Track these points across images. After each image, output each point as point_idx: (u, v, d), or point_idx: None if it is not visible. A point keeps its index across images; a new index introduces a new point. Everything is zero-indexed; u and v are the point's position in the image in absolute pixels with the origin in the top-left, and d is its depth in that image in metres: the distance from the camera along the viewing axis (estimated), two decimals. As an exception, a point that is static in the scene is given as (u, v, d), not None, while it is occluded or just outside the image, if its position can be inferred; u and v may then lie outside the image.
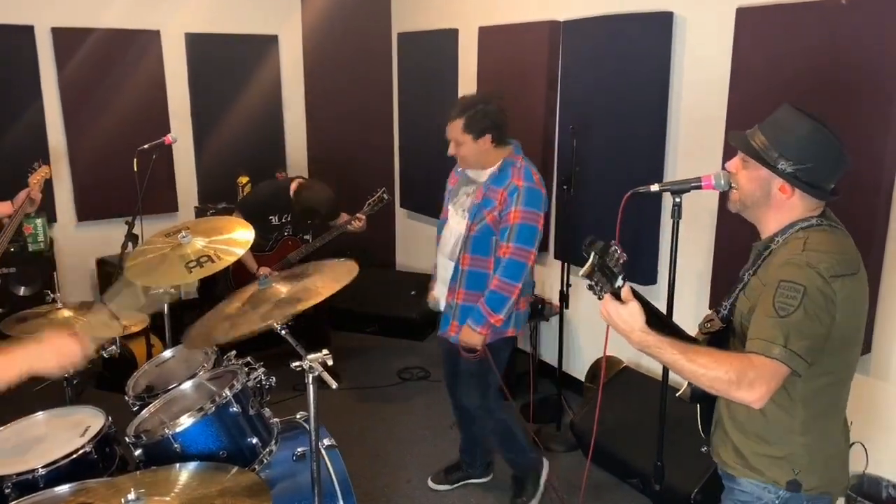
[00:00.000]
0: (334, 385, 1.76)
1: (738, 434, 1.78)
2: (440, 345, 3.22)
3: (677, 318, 1.89)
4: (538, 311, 4.26)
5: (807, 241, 1.62)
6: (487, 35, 4.43)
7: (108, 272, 4.75)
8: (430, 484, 3.40)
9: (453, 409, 3.34)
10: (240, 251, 2.44)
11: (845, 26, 2.68)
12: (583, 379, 4.18)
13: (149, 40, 4.95)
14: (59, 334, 1.88)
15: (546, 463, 3.35)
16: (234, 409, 2.05)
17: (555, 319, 4.09)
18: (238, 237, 2.54)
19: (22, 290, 4.45)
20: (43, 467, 2.05)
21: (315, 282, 2.05)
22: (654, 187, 1.94)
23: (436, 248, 3.13)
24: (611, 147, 3.63)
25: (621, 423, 3.44)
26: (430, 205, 5.30)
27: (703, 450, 3.21)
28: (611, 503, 3.30)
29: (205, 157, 5.30)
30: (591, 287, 1.59)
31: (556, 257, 4.14)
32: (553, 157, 4.15)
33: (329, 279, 2.05)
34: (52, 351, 1.83)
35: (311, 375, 1.78)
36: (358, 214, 4.32)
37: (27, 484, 2.03)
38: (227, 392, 2.05)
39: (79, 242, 4.96)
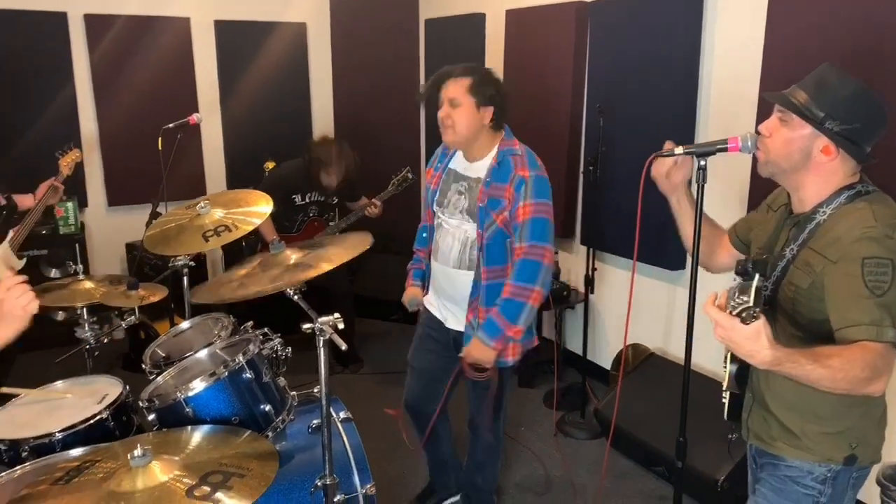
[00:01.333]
0: (343, 346, 1.72)
1: (787, 412, 1.70)
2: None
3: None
4: (563, 297, 4.20)
5: (875, 211, 1.55)
6: (514, 17, 4.37)
7: (137, 256, 4.80)
8: None
9: (419, 430, 2.96)
10: (258, 221, 2.42)
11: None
12: (608, 368, 4.11)
13: (178, 27, 4.99)
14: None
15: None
16: (247, 374, 2.02)
17: (580, 307, 4.02)
18: (258, 209, 2.52)
19: (52, 272, 4.51)
20: (60, 431, 2.07)
21: (328, 251, 2.01)
22: (678, 150, 1.87)
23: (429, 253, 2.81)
24: (639, 126, 3.55)
25: (647, 411, 3.36)
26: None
27: (731, 437, 3.11)
28: (635, 491, 3.22)
29: (233, 142, 5.34)
30: (753, 314, 1.38)
31: (582, 243, 4.06)
32: (580, 138, 4.08)
33: (341, 249, 2.01)
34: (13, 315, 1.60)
35: (321, 339, 1.74)
36: (374, 200, 4.27)
37: (44, 447, 2.05)
38: (241, 357, 2.03)
39: (109, 227, 5.02)
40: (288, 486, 2.15)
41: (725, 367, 1.66)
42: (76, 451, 1.92)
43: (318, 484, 1.86)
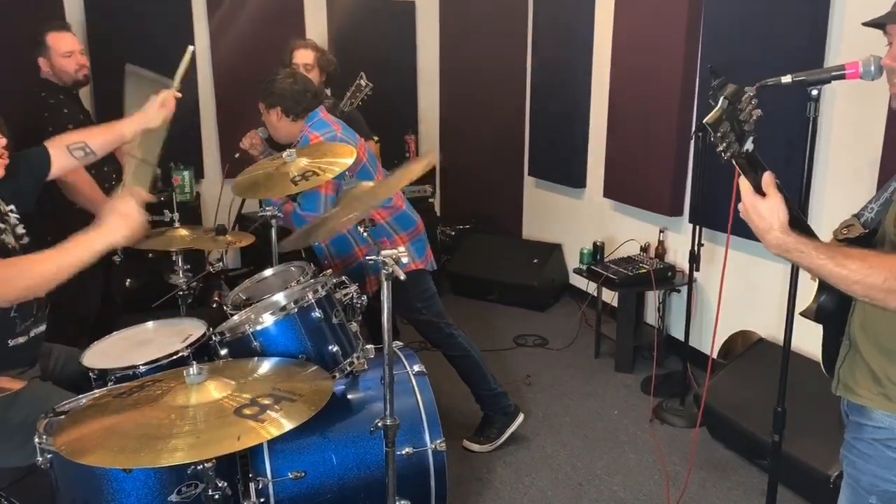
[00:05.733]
0: (402, 276, 1.65)
1: (879, 356, 1.46)
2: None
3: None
4: (667, 279, 3.95)
5: None
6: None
7: (246, 226, 4.98)
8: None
9: None
10: (346, 161, 2.40)
11: None
12: (714, 355, 3.81)
13: (292, 3, 5.12)
14: (116, 204, 1.97)
15: (521, 416, 3.25)
16: (317, 314, 2.00)
17: (685, 291, 3.75)
18: (342, 160, 2.50)
19: (167, 237, 4.74)
20: (143, 364, 2.13)
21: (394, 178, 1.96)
22: (786, 79, 1.66)
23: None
24: (756, 82, 3.25)
25: (752, 399, 3.09)
26: (559, 173, 5.10)
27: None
28: (735, 483, 2.96)
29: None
30: (715, 141, 1.33)
31: (690, 221, 3.80)
32: (692, 103, 3.81)
33: (409, 172, 1.96)
34: (118, 221, 1.93)
35: (384, 272, 1.68)
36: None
37: (128, 377, 2.12)
38: (311, 296, 2.00)
39: (222, 199, 5.22)
40: (354, 435, 2.12)
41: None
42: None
43: (378, 424, 1.79)
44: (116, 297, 3.76)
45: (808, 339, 1.95)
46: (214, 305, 3.11)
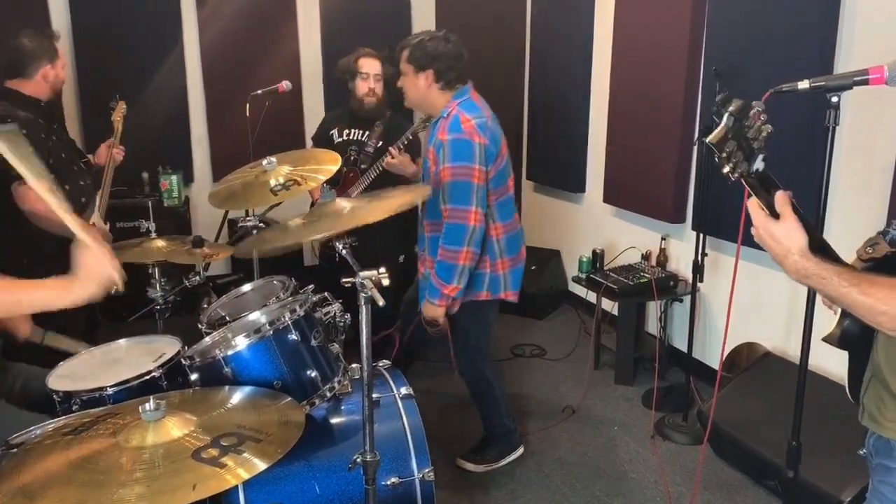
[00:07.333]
0: (381, 303, 1.52)
1: None
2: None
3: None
4: (669, 288, 3.81)
5: None
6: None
7: (236, 230, 4.84)
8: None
9: None
10: (323, 177, 2.27)
11: None
12: (717, 367, 3.67)
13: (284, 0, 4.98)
14: (84, 258, 1.57)
15: (521, 449, 3.12)
16: (293, 336, 1.86)
17: (689, 300, 3.61)
18: (326, 166, 2.36)
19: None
20: (111, 386, 2.01)
21: (378, 203, 1.82)
22: (804, 84, 1.52)
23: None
24: (763, 87, 3.10)
25: (759, 416, 2.95)
26: (557, 177, 4.96)
27: (860, 452, 2.66)
28: (741, 507, 2.82)
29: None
30: (720, 161, 1.21)
31: (693, 229, 3.65)
32: (696, 107, 3.66)
33: (392, 200, 1.81)
34: (87, 281, 1.56)
35: (363, 295, 1.54)
36: (389, 148, 3.52)
37: (95, 400, 2.00)
38: (287, 317, 1.86)
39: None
40: (336, 464, 1.98)
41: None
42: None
43: (357, 460, 1.65)
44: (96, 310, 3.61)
45: (818, 354, 1.82)
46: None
